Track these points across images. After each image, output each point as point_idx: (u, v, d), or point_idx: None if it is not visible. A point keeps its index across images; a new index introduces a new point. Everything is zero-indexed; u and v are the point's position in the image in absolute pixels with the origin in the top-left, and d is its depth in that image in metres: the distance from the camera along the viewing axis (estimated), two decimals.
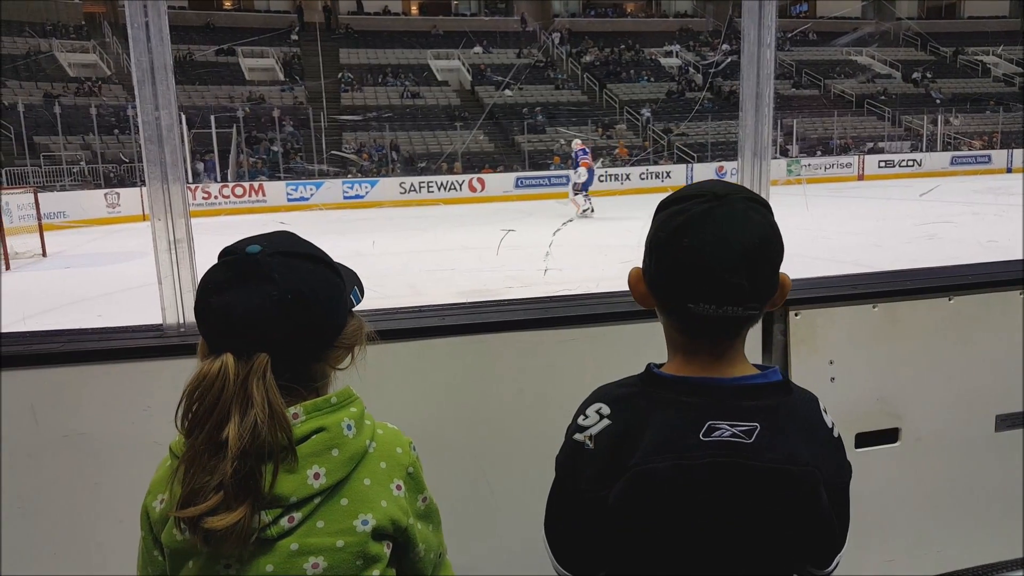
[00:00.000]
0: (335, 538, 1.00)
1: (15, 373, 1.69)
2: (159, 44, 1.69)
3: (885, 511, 2.18)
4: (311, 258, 1.05)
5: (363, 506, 1.02)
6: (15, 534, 1.72)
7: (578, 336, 1.95)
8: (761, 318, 1.11)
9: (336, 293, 1.07)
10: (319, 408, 1.03)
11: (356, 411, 1.06)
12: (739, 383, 1.07)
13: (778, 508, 1.01)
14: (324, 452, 1.00)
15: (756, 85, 2.02)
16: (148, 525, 1.06)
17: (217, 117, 23.61)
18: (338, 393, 1.06)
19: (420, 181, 24.36)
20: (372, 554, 1.02)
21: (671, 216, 1.04)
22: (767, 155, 2.07)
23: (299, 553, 0.98)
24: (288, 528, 0.98)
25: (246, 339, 0.99)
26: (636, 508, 1.03)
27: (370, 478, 1.04)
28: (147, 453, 1.73)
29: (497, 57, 34.97)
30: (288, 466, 0.98)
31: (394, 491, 1.07)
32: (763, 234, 1.02)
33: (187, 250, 1.78)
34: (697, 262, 1.01)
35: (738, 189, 1.07)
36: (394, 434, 1.13)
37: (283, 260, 1.01)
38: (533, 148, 28.24)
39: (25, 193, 14.93)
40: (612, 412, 1.10)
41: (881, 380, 2.13)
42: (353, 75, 32.10)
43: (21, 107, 23.73)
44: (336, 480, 1.01)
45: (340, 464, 1.01)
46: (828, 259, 9.28)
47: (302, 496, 0.98)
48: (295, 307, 0.99)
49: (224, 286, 1.00)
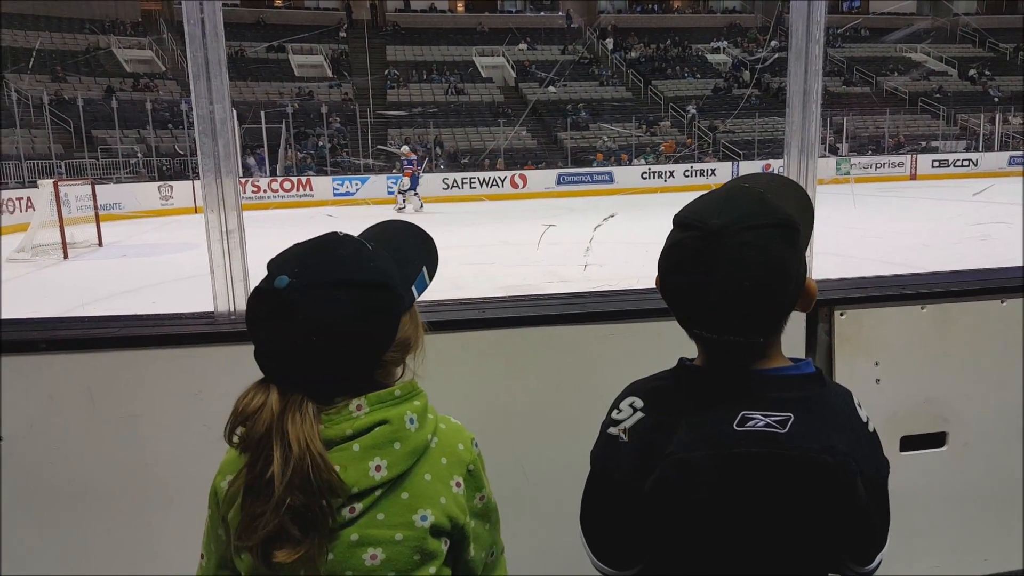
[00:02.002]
0: (394, 531, 1.00)
1: (73, 356, 1.76)
2: (214, 40, 1.74)
3: (930, 515, 2.13)
4: (346, 284, 0.99)
5: (423, 501, 1.02)
6: (70, 513, 1.80)
7: (617, 332, 1.95)
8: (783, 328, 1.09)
9: (376, 313, 1.01)
10: (382, 400, 1.02)
11: (419, 405, 1.06)
12: (772, 374, 1.08)
13: (814, 498, 1.00)
14: (386, 445, 1.00)
15: (804, 81, 1.99)
16: (216, 503, 1.08)
17: (267, 113, 24.05)
18: (402, 386, 1.06)
19: (462, 177, 24.48)
20: (430, 550, 1.03)
21: (670, 249, 1.05)
22: (814, 153, 2.04)
23: (359, 544, 0.99)
24: (350, 518, 0.99)
25: (283, 374, 0.99)
26: (671, 498, 1.04)
27: (431, 473, 1.04)
28: (197, 437, 1.79)
29: (541, 54, 34.93)
30: (339, 501, 0.98)
31: (453, 488, 1.06)
32: (757, 272, 0.98)
33: (238, 240, 1.83)
34: (688, 300, 1.04)
35: (741, 215, 1.01)
36: (456, 430, 1.12)
37: (312, 294, 0.96)
38: (576, 145, 28.17)
39: (83, 185, 15.38)
40: (645, 405, 1.12)
41: (928, 383, 2.09)
42: (399, 72, 32.39)
43: (80, 101, 24.48)
44: (397, 473, 1.01)
45: (401, 458, 1.01)
46: (876, 259, 9.08)
47: (363, 487, 0.98)
48: (323, 344, 0.96)
49: (258, 319, 1.00)
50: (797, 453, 0.99)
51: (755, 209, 1.02)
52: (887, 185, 23.72)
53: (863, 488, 1.01)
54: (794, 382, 1.07)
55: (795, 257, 1.03)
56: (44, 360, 1.74)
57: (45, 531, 1.79)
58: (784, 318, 1.07)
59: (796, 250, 1.03)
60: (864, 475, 1.02)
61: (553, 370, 1.94)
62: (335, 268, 1.00)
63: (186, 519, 1.84)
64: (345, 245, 1.04)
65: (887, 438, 1.13)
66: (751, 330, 1.04)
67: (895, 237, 11.60)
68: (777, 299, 1.02)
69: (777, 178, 1.25)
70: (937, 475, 2.13)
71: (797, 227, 1.03)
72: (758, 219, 1.01)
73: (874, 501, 1.05)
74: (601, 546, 1.16)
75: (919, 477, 2.10)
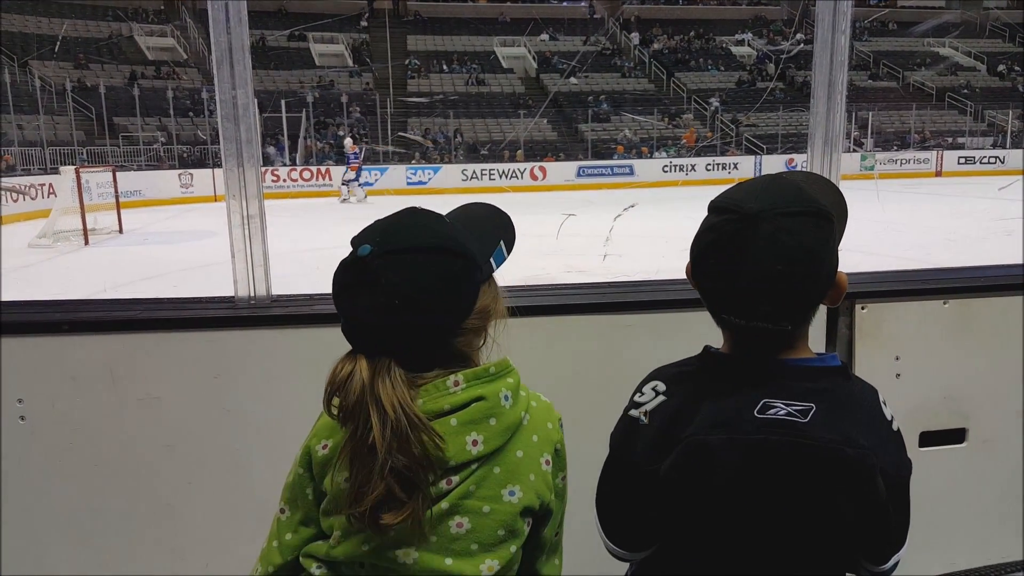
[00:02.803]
0: (482, 503, 1.03)
1: (96, 338, 1.79)
2: (237, 25, 1.75)
3: (948, 512, 2.12)
4: (425, 249, 1.02)
5: (513, 477, 1.05)
6: (90, 491, 1.83)
7: (636, 322, 1.95)
8: (811, 319, 1.09)
9: (455, 279, 1.04)
10: (478, 377, 1.05)
11: (513, 382, 1.08)
12: (797, 364, 1.07)
13: (831, 490, 1.00)
14: (482, 420, 1.03)
15: (829, 73, 1.97)
16: (308, 464, 1.10)
17: (287, 101, 24.14)
18: (496, 363, 1.08)
19: (482, 168, 24.44)
20: (516, 528, 1.05)
21: (704, 232, 1.06)
22: (838, 146, 2.02)
23: (448, 513, 1.02)
24: (446, 490, 1.02)
25: (370, 342, 1.02)
26: (686, 480, 1.04)
27: (523, 450, 1.07)
28: (216, 418, 1.82)
29: (563, 44, 34.78)
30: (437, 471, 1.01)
31: (543, 466, 1.09)
32: (790, 257, 0.98)
33: (259, 226, 1.84)
34: (720, 284, 1.04)
35: (778, 202, 1.01)
36: (546, 408, 1.14)
37: (392, 260, 1.00)
38: (597, 137, 28.04)
39: (104, 172, 15.55)
40: (667, 389, 1.12)
41: (949, 378, 2.07)
42: (420, 61, 32.39)
43: (103, 89, 24.72)
44: (492, 449, 1.03)
45: (497, 433, 1.04)
46: (898, 255, 8.99)
47: (460, 461, 1.01)
48: (406, 309, 0.99)
49: (345, 290, 1.03)
50: (816, 443, 0.99)
51: (793, 197, 1.03)
52: (912, 181, 23.44)
53: (883, 484, 1.00)
54: (818, 373, 1.07)
55: (829, 248, 1.03)
56: (67, 341, 1.77)
57: (67, 508, 1.82)
58: (813, 308, 1.07)
59: (830, 241, 1.03)
60: (885, 472, 1.01)
61: (572, 360, 1.94)
62: (414, 235, 1.04)
63: (205, 498, 1.87)
64: (423, 216, 1.08)
65: (906, 433, 1.12)
66: (780, 317, 1.03)
67: (918, 233, 11.48)
68: (808, 287, 1.02)
69: (812, 175, 1.26)
70: (956, 471, 2.11)
71: (832, 218, 1.04)
72: (795, 206, 1.01)
73: (894, 500, 1.03)
74: (614, 527, 1.17)
75: (938, 473, 2.08)
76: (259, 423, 1.80)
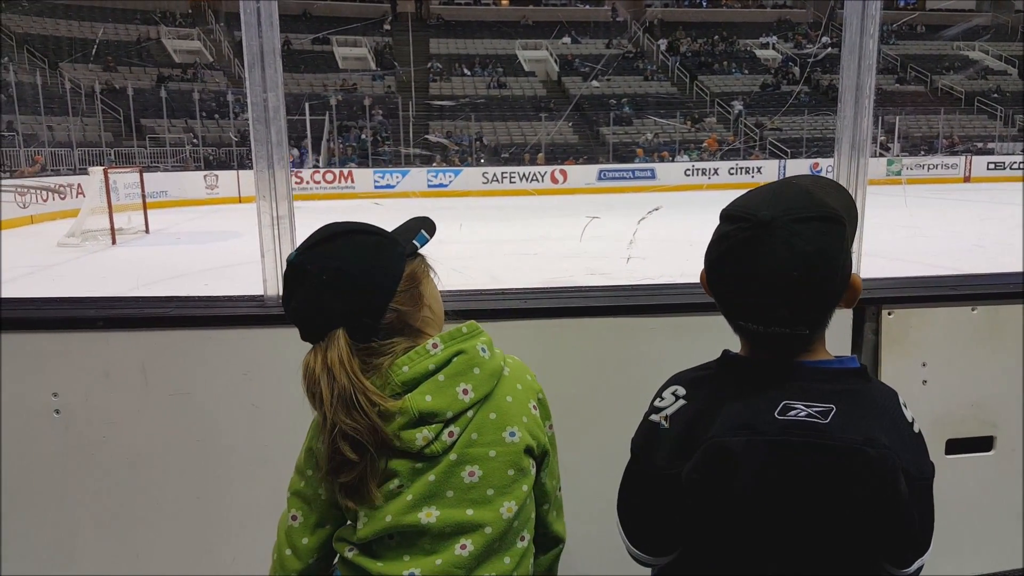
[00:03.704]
0: (488, 448, 1.12)
1: (129, 334, 1.83)
2: (268, 29, 1.78)
3: (975, 521, 2.09)
4: (341, 234, 1.14)
5: (509, 419, 1.14)
6: (121, 484, 1.86)
7: (659, 325, 1.95)
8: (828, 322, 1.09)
9: (373, 249, 1.14)
10: (454, 337, 1.15)
11: (486, 339, 1.18)
12: (816, 366, 1.08)
13: (853, 490, 0.99)
14: (467, 371, 1.13)
15: (856, 77, 1.96)
16: (315, 463, 1.18)
17: (311, 104, 24.35)
18: (467, 325, 1.18)
19: (502, 171, 24.49)
20: (523, 467, 1.15)
21: (717, 240, 1.06)
22: (866, 151, 2.01)
23: (458, 463, 1.11)
24: (449, 443, 1.11)
25: (317, 327, 1.12)
26: (708, 481, 1.04)
27: (511, 396, 1.16)
28: (244, 414, 1.85)
29: (586, 48, 34.75)
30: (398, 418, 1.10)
31: (531, 409, 1.19)
32: (805, 263, 0.99)
33: (288, 227, 1.87)
34: (735, 292, 1.05)
35: (790, 208, 1.02)
36: (521, 365, 1.24)
37: (315, 251, 1.13)
38: (618, 140, 27.96)
39: (131, 172, 15.77)
40: (688, 393, 1.13)
41: (977, 385, 2.05)
42: (442, 65, 32.52)
43: (130, 91, 25.09)
44: (483, 394, 1.13)
45: (483, 380, 1.14)
46: (926, 261, 8.87)
47: (456, 410, 1.11)
48: (336, 282, 1.10)
49: (287, 297, 1.15)
50: (838, 443, 0.99)
51: (804, 203, 1.03)
52: (940, 187, 23.11)
53: (905, 485, 1.00)
54: (837, 375, 1.07)
55: (842, 250, 1.03)
56: (101, 337, 1.81)
57: (99, 500, 1.86)
58: (830, 312, 1.08)
59: (843, 244, 1.04)
60: (907, 473, 1.00)
61: (595, 362, 1.95)
62: (328, 231, 1.15)
63: (233, 493, 1.89)
64: (338, 224, 1.19)
65: (932, 441, 1.11)
66: (797, 322, 1.04)
67: (946, 239, 11.32)
68: (824, 291, 1.03)
69: (821, 178, 1.26)
70: (984, 479, 2.08)
71: (844, 221, 1.04)
72: (807, 212, 1.02)
73: (917, 503, 1.03)
74: (637, 532, 1.17)
75: (965, 481, 2.06)
76: (286, 419, 1.82)
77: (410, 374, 1.11)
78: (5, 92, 22.83)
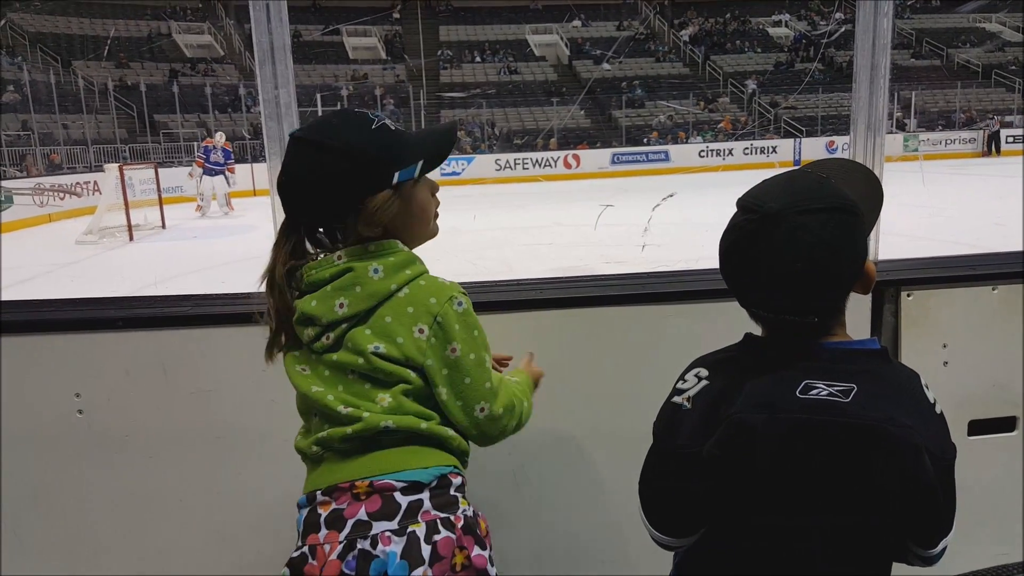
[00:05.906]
0: (356, 358, 1.22)
1: (148, 333, 1.84)
2: (278, 25, 1.78)
3: (999, 502, 2.08)
4: (314, 143, 1.21)
5: (378, 337, 1.22)
6: (144, 482, 1.89)
7: (675, 313, 1.94)
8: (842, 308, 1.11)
9: (328, 175, 1.20)
10: (355, 254, 1.23)
11: (394, 261, 1.24)
12: (837, 346, 1.09)
13: (876, 469, 0.99)
14: (348, 288, 1.22)
15: (871, 55, 1.93)
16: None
17: (322, 96, 24.39)
18: (383, 244, 1.24)
19: (515, 158, 24.41)
20: (392, 375, 1.22)
21: (728, 231, 1.09)
22: (882, 129, 1.99)
23: (338, 365, 1.24)
24: (328, 345, 1.24)
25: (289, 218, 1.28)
26: (729, 458, 1.05)
27: (392, 316, 1.22)
28: (264, 411, 1.86)
29: (596, 30, 34.50)
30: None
31: (415, 333, 1.22)
32: (810, 256, 1.00)
33: None
34: (743, 281, 1.08)
35: (798, 200, 1.03)
36: (437, 287, 1.26)
37: (293, 147, 1.23)
38: (631, 123, 27.79)
39: (147, 168, 15.86)
40: (710, 374, 1.14)
41: (999, 365, 2.02)
42: (452, 52, 32.41)
43: (143, 87, 25.22)
44: (356, 311, 1.21)
45: (360, 299, 1.22)
46: (945, 239, 8.77)
47: (330, 320, 1.22)
48: (289, 186, 1.24)
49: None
50: (860, 421, 0.99)
51: (814, 193, 1.04)
52: (958, 162, 22.81)
53: (930, 463, 0.99)
54: (858, 355, 1.08)
55: (852, 241, 1.03)
56: (122, 337, 1.83)
57: (122, 497, 1.89)
58: (841, 299, 1.09)
59: (854, 234, 1.04)
60: (931, 453, 1.00)
61: (611, 351, 1.94)
62: (318, 131, 1.23)
63: (254, 491, 1.91)
64: (346, 116, 1.26)
65: (955, 422, 1.11)
66: (804, 310, 1.06)
67: (965, 217, 11.18)
68: (829, 281, 1.04)
69: (847, 162, 1.25)
70: (1007, 460, 2.07)
71: (856, 211, 1.04)
72: (815, 203, 1.02)
73: (940, 483, 1.02)
74: (658, 515, 1.18)
75: (988, 462, 2.04)
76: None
77: (311, 278, 1.24)
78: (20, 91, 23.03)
